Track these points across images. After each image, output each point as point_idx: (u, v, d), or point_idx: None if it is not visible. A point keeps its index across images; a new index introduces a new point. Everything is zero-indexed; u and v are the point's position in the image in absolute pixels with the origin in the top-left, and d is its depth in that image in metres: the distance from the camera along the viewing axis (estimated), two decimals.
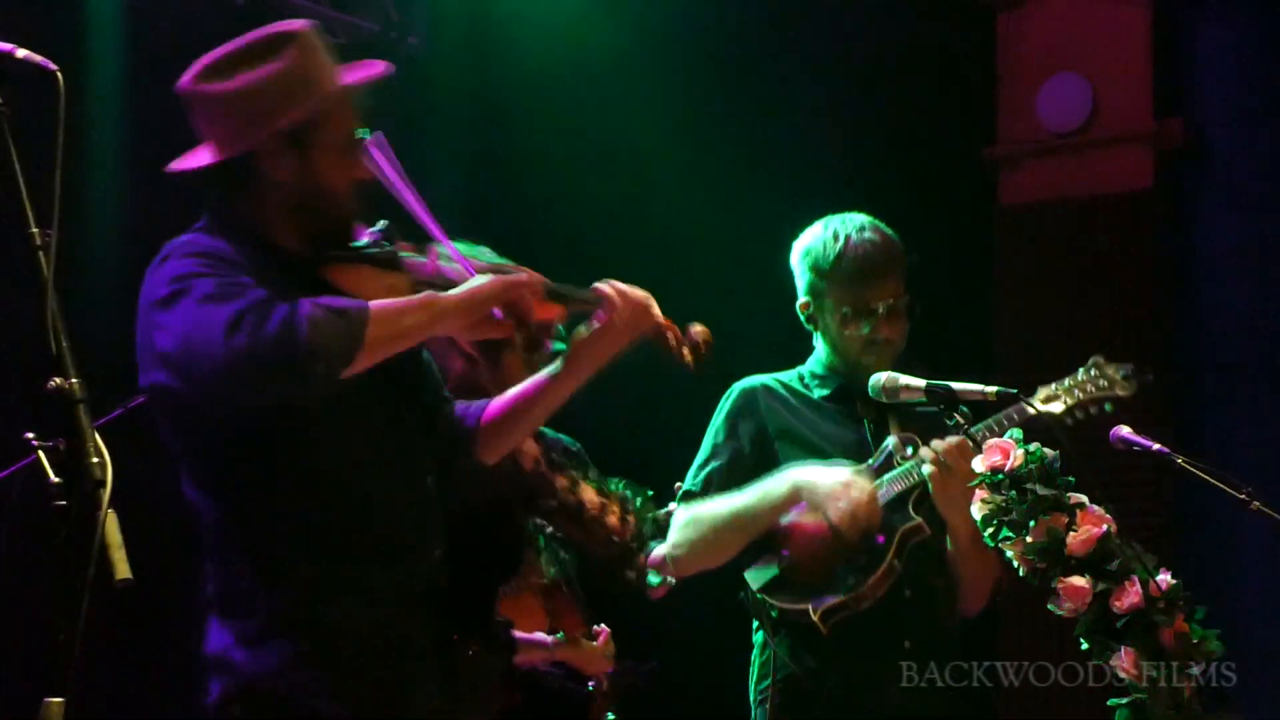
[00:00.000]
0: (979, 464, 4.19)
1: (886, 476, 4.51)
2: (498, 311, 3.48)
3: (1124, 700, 4.03)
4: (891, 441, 4.54)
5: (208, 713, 3.39)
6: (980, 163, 8.77)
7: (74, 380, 2.76)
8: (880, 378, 4.44)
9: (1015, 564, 4.18)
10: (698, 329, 3.77)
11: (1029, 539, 4.11)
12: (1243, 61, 8.31)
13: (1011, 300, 8.57)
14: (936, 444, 4.41)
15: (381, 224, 3.59)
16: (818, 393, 4.72)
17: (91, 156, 6.78)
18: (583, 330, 3.68)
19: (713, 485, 4.60)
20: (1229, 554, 7.66)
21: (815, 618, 4.41)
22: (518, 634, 5.06)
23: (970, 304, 8.36)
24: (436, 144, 8.03)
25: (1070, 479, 4.18)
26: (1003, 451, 4.17)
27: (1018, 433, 4.22)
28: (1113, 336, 8.16)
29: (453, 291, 3.43)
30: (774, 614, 4.50)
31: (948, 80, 8.61)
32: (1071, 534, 4.10)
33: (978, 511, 4.18)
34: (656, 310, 3.69)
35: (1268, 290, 8.13)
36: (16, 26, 3.62)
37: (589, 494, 4.43)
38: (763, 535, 4.52)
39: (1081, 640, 4.10)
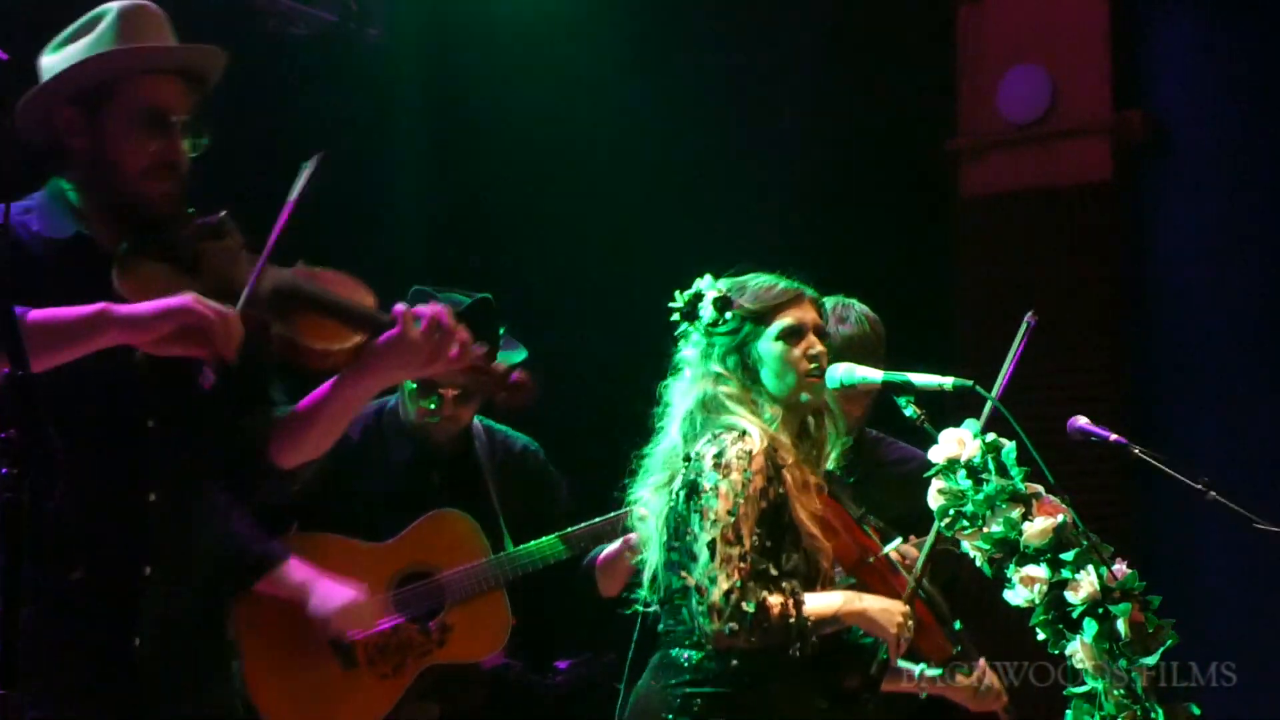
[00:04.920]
0: (935, 454, 4.21)
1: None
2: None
3: (1080, 690, 4.05)
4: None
5: None
6: (941, 154, 8.79)
7: (27, 371, 2.74)
8: (838, 369, 4.43)
9: (972, 554, 4.19)
10: (517, 376, 3.65)
11: (985, 529, 4.13)
12: (1201, 53, 8.35)
13: (972, 291, 8.59)
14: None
15: (220, 215, 3.51)
16: None
17: None
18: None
19: None
20: (1185, 544, 7.70)
21: None
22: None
23: (931, 295, 8.38)
24: (396, 135, 8.01)
25: (1026, 469, 4.19)
26: (959, 442, 4.18)
27: (974, 423, 4.23)
28: (1072, 328, 8.19)
29: (128, 307, 3.27)
30: None
31: (908, 72, 8.62)
32: (1028, 524, 4.11)
33: (934, 501, 4.19)
34: (461, 349, 3.53)
35: (1226, 281, 8.16)
36: None
37: None
38: None
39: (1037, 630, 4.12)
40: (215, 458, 3.60)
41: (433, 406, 5.33)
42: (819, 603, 4.08)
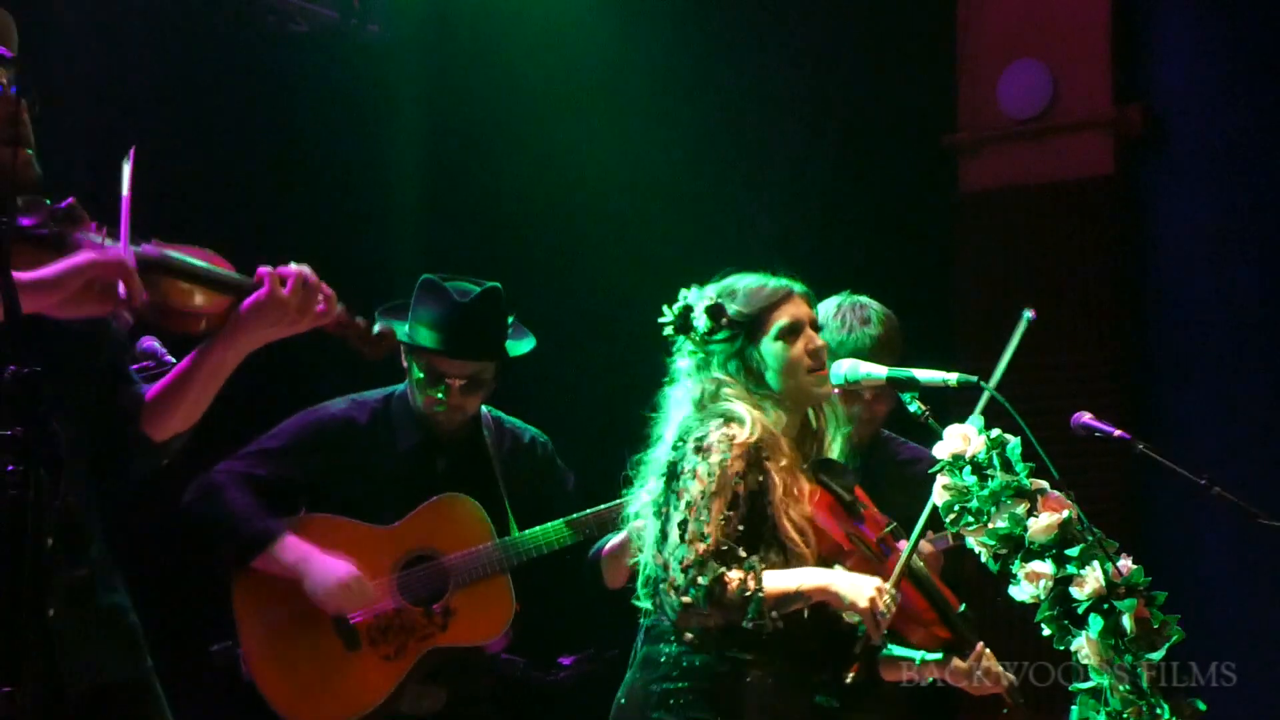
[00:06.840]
0: (939, 450, 4.20)
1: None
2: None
3: (1085, 686, 4.05)
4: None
5: None
6: (940, 149, 8.77)
7: (31, 368, 2.74)
8: (842, 365, 4.44)
9: (977, 550, 4.19)
10: (379, 329, 3.74)
11: (990, 525, 4.13)
12: (1202, 47, 8.33)
13: (972, 287, 8.58)
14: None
15: (67, 202, 3.55)
16: None
17: (52, 142, 6.73)
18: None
19: None
20: (1190, 539, 7.69)
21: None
22: None
23: (930, 291, 8.37)
24: (395, 132, 8.01)
25: (1031, 465, 4.19)
26: (964, 438, 4.18)
27: (979, 419, 4.23)
28: (1073, 323, 8.19)
29: (32, 272, 3.33)
30: None
31: (908, 66, 8.60)
32: (1033, 520, 4.11)
33: (939, 497, 4.18)
34: (325, 304, 3.63)
35: (1227, 276, 8.15)
36: None
37: None
38: None
39: (1043, 626, 4.12)
40: (87, 434, 3.63)
41: (440, 396, 5.35)
42: (780, 578, 4.06)
